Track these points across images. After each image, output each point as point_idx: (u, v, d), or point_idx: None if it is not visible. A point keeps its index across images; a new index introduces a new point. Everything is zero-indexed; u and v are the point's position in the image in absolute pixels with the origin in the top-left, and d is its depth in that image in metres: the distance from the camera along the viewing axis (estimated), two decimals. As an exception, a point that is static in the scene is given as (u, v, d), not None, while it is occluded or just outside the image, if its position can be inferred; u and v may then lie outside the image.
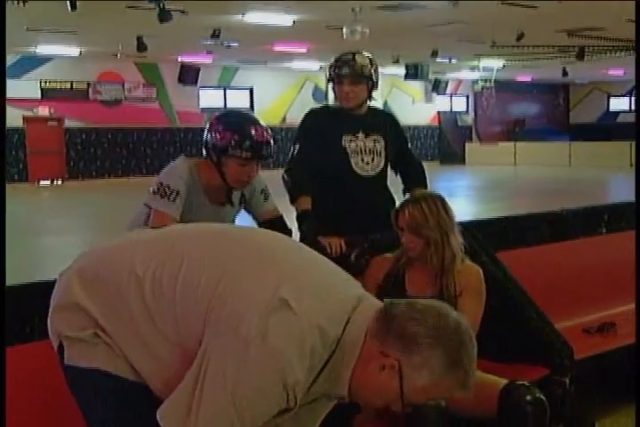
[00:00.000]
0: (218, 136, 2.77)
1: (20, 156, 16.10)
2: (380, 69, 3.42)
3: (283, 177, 3.32)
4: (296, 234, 3.08)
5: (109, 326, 1.66)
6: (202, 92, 18.93)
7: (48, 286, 1.85)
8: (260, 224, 3.01)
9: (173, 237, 1.78)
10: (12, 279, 2.45)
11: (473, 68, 19.51)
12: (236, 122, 2.85)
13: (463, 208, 9.75)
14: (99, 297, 1.69)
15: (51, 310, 1.76)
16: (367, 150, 3.37)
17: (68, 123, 16.93)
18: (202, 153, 2.87)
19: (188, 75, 17.83)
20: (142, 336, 1.65)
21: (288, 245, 1.81)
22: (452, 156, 23.22)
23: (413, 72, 17.62)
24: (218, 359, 1.53)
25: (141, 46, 12.73)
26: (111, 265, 1.72)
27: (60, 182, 16.64)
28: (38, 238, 9.03)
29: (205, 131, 2.83)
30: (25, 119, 16.15)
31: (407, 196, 3.17)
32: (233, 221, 2.96)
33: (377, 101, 3.61)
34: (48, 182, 16.46)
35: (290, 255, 1.73)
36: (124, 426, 1.68)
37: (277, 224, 2.95)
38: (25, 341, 2.23)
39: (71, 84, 16.99)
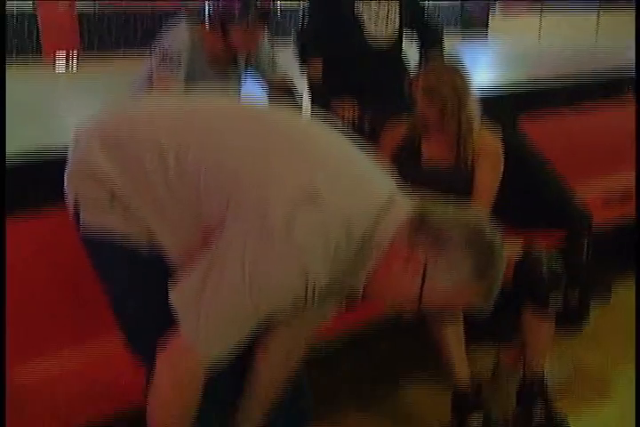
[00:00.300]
0: (221, 3, 2.65)
1: (33, 40, 15.80)
2: None
3: (292, 47, 3.20)
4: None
5: (128, 192, 1.60)
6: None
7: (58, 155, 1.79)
8: (268, 94, 2.93)
9: (201, 113, 1.68)
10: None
11: None
12: None
13: (484, 78, 9.50)
14: (118, 162, 1.61)
15: (67, 171, 1.69)
16: (381, 16, 3.21)
17: (80, 5, 16.47)
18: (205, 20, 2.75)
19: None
20: (162, 206, 1.59)
21: (322, 132, 1.68)
22: (474, 28, 22.51)
23: None
24: (238, 247, 1.46)
25: None
26: (134, 132, 1.64)
27: (74, 63, 16.42)
28: (58, 120, 8.96)
29: None
30: (35, 3, 15.73)
31: (423, 59, 3.06)
32: (238, 91, 2.88)
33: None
34: (63, 65, 16.24)
35: (323, 142, 1.63)
36: (139, 297, 1.66)
37: (285, 94, 2.86)
38: (40, 210, 2.19)
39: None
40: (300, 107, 2.88)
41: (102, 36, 17.03)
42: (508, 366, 2.81)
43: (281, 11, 2.93)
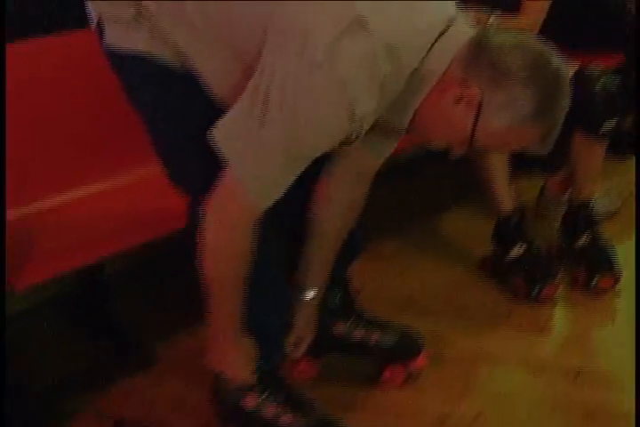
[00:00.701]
0: None
1: None
2: None
3: None
4: None
5: (154, 9, 1.46)
6: None
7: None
8: None
9: None
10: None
11: None
12: None
13: None
14: None
15: None
16: None
17: None
18: None
19: None
20: (193, 28, 1.45)
21: None
22: None
23: None
24: (277, 85, 1.33)
25: None
26: None
27: None
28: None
29: None
30: None
31: None
32: None
33: None
34: None
35: None
36: (172, 117, 1.54)
37: None
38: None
39: None
40: None
41: None
42: (554, 194, 2.74)
43: None
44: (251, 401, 1.64)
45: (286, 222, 1.61)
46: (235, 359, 1.62)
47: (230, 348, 1.61)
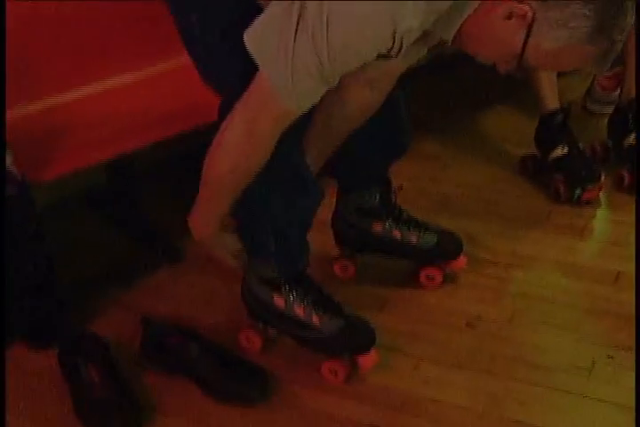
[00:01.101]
0: None
1: None
2: None
3: None
4: None
5: None
6: None
7: None
8: None
9: None
10: None
11: None
12: None
13: None
14: None
15: None
16: None
17: None
18: None
19: None
20: None
21: None
22: None
23: None
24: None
25: None
26: None
27: None
28: None
29: None
30: None
31: None
32: None
33: None
34: None
35: None
36: (206, 3, 1.44)
37: None
38: None
39: None
40: None
41: None
42: (603, 91, 2.62)
43: None
44: (279, 302, 1.63)
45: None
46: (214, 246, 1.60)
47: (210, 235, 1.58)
